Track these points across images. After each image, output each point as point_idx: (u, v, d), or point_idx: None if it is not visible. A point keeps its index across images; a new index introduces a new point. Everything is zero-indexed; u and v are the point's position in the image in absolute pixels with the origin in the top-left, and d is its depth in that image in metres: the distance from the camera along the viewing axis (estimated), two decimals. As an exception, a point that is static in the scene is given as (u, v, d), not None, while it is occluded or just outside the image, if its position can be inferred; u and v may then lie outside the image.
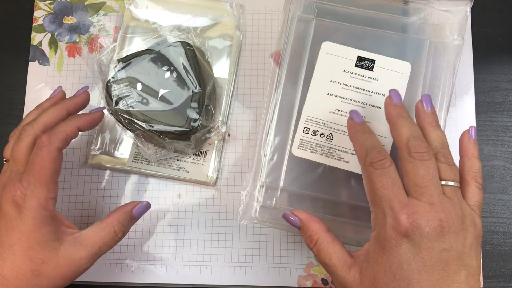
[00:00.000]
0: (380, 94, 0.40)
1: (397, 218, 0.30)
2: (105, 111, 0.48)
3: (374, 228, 0.32)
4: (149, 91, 0.44)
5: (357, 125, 0.35)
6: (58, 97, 0.43)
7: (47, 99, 0.43)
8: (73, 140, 0.48)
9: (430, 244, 0.30)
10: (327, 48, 0.41)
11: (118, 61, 0.46)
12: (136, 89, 0.44)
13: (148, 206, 0.41)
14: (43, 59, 0.51)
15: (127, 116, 0.44)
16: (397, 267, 0.30)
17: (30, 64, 0.51)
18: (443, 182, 0.32)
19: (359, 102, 0.40)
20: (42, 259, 0.35)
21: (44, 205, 0.35)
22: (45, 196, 0.36)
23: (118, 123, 0.46)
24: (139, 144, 0.46)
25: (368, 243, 0.33)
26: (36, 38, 0.51)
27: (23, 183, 0.35)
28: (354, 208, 0.40)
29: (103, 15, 0.52)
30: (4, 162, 0.39)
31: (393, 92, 0.36)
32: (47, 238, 0.36)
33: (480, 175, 0.35)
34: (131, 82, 0.44)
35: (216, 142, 0.48)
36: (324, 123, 0.40)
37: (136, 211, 0.40)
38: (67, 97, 0.43)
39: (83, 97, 0.42)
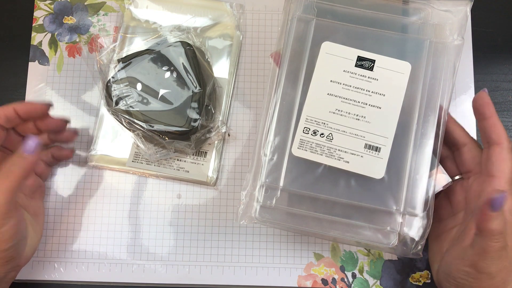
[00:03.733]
0: (380, 94, 0.40)
1: None
2: (105, 111, 0.48)
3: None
4: (149, 91, 0.44)
5: (491, 104, 0.39)
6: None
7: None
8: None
9: None
10: (327, 48, 0.41)
11: (118, 61, 0.46)
12: (136, 89, 0.44)
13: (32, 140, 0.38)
14: (43, 59, 0.51)
15: (127, 116, 0.44)
16: None
17: (30, 64, 0.51)
18: None
19: (359, 102, 0.40)
20: None
21: None
22: None
23: (118, 123, 0.46)
24: (139, 144, 0.46)
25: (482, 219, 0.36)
26: (36, 38, 0.51)
27: None
28: (354, 208, 0.40)
29: (103, 15, 0.52)
30: None
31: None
32: None
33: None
34: (131, 82, 0.44)
35: (216, 142, 0.48)
36: (324, 123, 0.40)
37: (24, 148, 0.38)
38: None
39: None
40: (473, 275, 0.37)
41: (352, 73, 0.41)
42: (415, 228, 0.39)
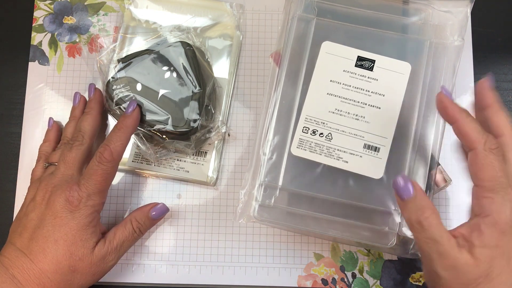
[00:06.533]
0: (380, 94, 0.40)
1: None
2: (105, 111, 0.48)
3: (487, 214, 0.32)
4: (149, 91, 0.44)
5: (461, 108, 0.34)
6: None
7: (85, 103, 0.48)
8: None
9: None
10: (327, 48, 0.41)
11: (118, 61, 0.46)
12: (136, 89, 0.44)
13: (164, 208, 0.45)
14: (43, 59, 0.51)
15: (127, 116, 0.44)
16: None
17: (30, 64, 0.51)
18: None
19: (359, 102, 0.40)
20: (80, 256, 0.39)
21: (97, 208, 0.40)
22: (100, 201, 0.41)
23: (118, 123, 0.46)
24: (139, 144, 0.46)
25: (470, 226, 0.33)
26: (36, 38, 0.52)
27: (81, 188, 0.39)
28: (352, 208, 0.40)
29: (103, 15, 0.52)
30: (46, 164, 0.44)
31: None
32: (89, 237, 0.39)
33: None
34: (131, 82, 0.44)
35: (216, 142, 0.48)
36: (324, 123, 0.40)
37: (152, 213, 0.44)
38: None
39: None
40: (432, 279, 0.35)
41: (352, 73, 0.41)
42: (414, 228, 0.39)
